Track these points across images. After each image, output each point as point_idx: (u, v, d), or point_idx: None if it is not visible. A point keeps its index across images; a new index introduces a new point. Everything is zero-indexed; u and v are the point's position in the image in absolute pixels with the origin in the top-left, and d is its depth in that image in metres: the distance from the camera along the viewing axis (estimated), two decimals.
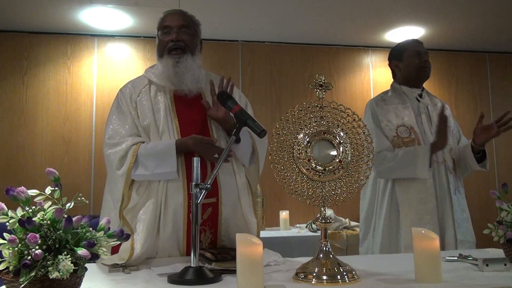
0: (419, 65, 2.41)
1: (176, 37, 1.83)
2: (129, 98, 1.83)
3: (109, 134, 1.77)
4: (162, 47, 1.87)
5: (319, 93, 1.43)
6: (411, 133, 2.31)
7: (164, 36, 1.86)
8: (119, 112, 1.82)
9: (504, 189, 1.55)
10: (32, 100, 3.98)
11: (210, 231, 1.76)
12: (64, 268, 0.93)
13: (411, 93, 2.43)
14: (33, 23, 3.89)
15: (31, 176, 3.86)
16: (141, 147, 1.71)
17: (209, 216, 1.76)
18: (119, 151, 1.71)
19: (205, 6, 3.53)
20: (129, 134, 1.76)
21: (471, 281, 1.29)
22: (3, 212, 1.00)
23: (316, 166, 1.35)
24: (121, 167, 1.69)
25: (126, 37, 4.18)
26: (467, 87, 4.77)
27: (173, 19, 1.87)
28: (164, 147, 1.71)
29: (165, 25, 1.87)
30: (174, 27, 1.85)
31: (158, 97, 1.83)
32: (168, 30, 1.86)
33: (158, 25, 1.91)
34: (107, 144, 1.75)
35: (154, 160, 1.69)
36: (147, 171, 1.69)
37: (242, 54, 4.40)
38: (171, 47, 1.83)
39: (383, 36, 4.37)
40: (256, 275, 1.16)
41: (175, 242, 1.71)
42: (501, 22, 4.10)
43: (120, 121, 1.79)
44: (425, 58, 2.42)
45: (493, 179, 4.66)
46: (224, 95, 1.65)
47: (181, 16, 1.88)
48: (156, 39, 1.92)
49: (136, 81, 1.91)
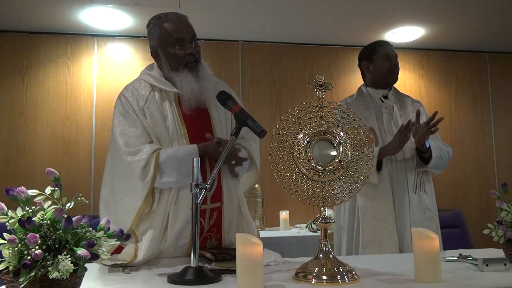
0: (388, 69, 2.41)
1: (194, 50, 1.78)
2: (136, 105, 1.76)
3: (124, 140, 1.70)
4: (178, 61, 1.78)
5: (319, 93, 1.43)
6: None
7: (180, 50, 1.76)
8: (127, 117, 1.75)
9: (504, 189, 1.55)
10: (32, 100, 3.98)
11: (216, 237, 1.76)
12: (64, 268, 0.93)
13: (375, 94, 2.45)
14: (33, 23, 3.89)
15: (31, 176, 3.86)
16: (161, 154, 1.67)
17: (214, 222, 1.75)
18: (140, 160, 1.65)
19: (205, 6, 3.53)
20: (144, 141, 1.71)
21: (471, 281, 1.29)
22: (3, 212, 1.00)
23: (316, 166, 1.35)
24: (146, 176, 1.64)
25: (126, 37, 4.18)
26: (467, 87, 4.77)
27: (183, 30, 1.79)
28: (187, 152, 1.68)
29: (178, 37, 1.77)
30: (187, 39, 1.78)
31: (164, 104, 1.78)
32: (183, 43, 1.77)
33: (167, 38, 1.78)
34: (124, 151, 1.68)
35: (178, 166, 1.66)
36: (172, 178, 1.66)
37: (242, 54, 4.40)
38: (189, 61, 1.77)
39: (383, 36, 4.37)
40: (256, 275, 1.16)
41: (180, 248, 1.70)
42: (501, 22, 4.10)
43: (132, 127, 1.73)
44: (394, 61, 2.42)
45: (493, 179, 4.66)
46: (223, 95, 1.65)
47: (188, 26, 1.82)
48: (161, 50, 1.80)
49: (137, 85, 1.82)
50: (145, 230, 1.68)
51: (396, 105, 2.43)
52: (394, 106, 2.41)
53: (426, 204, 2.32)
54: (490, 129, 4.73)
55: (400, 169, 2.31)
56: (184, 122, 1.77)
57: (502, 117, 4.81)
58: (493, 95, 4.82)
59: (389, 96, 2.45)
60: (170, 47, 1.78)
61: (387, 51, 2.44)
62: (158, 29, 1.81)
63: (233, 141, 1.53)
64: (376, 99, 2.44)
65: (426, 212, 2.31)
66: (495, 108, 4.80)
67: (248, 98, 4.33)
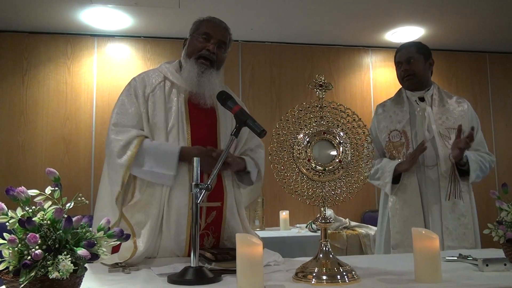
0: (400, 76, 2.44)
1: (213, 49, 1.83)
2: (142, 91, 1.80)
3: (115, 120, 1.76)
4: (194, 49, 1.84)
5: (319, 93, 1.43)
6: (401, 137, 2.35)
7: (201, 40, 1.84)
8: (127, 99, 1.80)
9: (504, 189, 1.54)
10: (32, 100, 3.98)
11: (213, 235, 1.77)
12: (64, 268, 0.93)
13: (411, 96, 2.43)
14: (33, 23, 3.89)
15: (31, 176, 3.86)
16: (145, 141, 1.71)
17: (213, 220, 1.76)
18: (121, 140, 1.70)
19: (205, 6, 3.53)
20: (134, 125, 1.75)
21: (471, 281, 1.29)
22: (3, 212, 1.00)
23: (316, 166, 1.35)
24: (122, 156, 1.68)
25: (126, 37, 4.18)
26: (467, 87, 4.77)
27: (217, 31, 1.86)
28: (169, 149, 1.71)
29: (207, 32, 1.84)
30: (215, 38, 1.84)
31: (172, 96, 1.82)
32: (208, 38, 1.84)
33: (198, 27, 1.88)
34: (111, 130, 1.74)
35: (156, 158, 1.69)
36: (145, 167, 1.69)
37: (242, 54, 4.40)
38: (203, 55, 1.82)
39: (383, 36, 4.37)
40: (256, 275, 1.16)
41: (177, 243, 1.71)
42: (501, 22, 4.10)
43: (127, 109, 1.77)
44: (404, 67, 2.40)
45: (493, 179, 4.66)
46: (224, 95, 1.65)
47: (225, 32, 1.88)
48: (189, 38, 1.89)
49: (151, 74, 1.87)
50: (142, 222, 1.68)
51: (433, 107, 2.37)
52: (427, 108, 2.37)
53: (461, 211, 2.28)
54: (490, 129, 4.73)
55: (433, 176, 2.29)
56: (189, 119, 1.79)
57: (502, 117, 4.81)
58: (493, 95, 4.82)
59: (425, 97, 2.40)
60: (196, 36, 1.86)
61: (397, 58, 2.46)
62: (198, 23, 1.90)
63: (233, 141, 1.53)
64: (412, 101, 2.42)
65: (461, 219, 2.28)
66: (495, 108, 4.80)
67: (248, 98, 4.33)
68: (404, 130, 2.35)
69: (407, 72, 2.39)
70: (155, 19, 3.82)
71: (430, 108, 2.36)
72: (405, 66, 2.39)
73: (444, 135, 2.31)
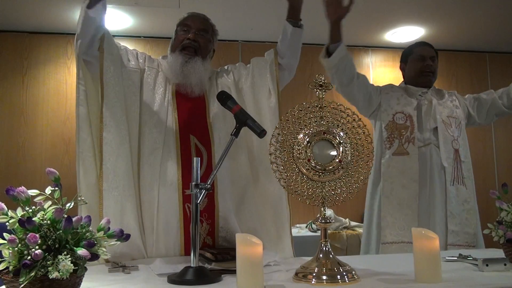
0: (420, 69, 2.46)
1: (193, 37, 1.89)
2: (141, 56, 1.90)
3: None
4: (177, 43, 1.91)
5: (319, 93, 1.43)
6: (407, 120, 2.39)
7: (181, 33, 1.92)
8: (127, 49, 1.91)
9: (504, 189, 1.54)
10: (32, 100, 3.98)
11: (207, 222, 1.78)
12: (64, 268, 0.93)
13: (415, 90, 2.48)
14: (33, 23, 3.89)
15: (31, 176, 3.85)
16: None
17: (205, 207, 1.77)
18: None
19: (205, 6, 3.52)
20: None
21: (471, 281, 1.29)
22: (3, 212, 1.00)
23: (316, 166, 1.35)
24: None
25: (126, 37, 4.17)
26: (467, 87, 4.77)
27: (195, 21, 1.93)
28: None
29: (186, 23, 1.92)
30: (194, 28, 1.91)
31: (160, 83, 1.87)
32: (187, 29, 1.91)
33: (179, 22, 1.96)
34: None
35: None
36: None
37: (242, 54, 4.40)
38: (185, 45, 1.88)
39: (383, 36, 4.37)
40: (256, 275, 1.16)
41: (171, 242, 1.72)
42: (501, 22, 4.10)
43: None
44: (428, 62, 2.45)
45: (493, 179, 4.66)
46: (223, 95, 1.65)
47: (203, 21, 1.95)
48: (173, 34, 1.96)
49: (150, 58, 1.96)
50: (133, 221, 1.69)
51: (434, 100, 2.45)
52: (433, 99, 2.44)
53: (464, 196, 2.34)
54: (490, 129, 4.72)
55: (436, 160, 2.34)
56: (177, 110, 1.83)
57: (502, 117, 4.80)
58: None
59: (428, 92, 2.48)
60: (177, 30, 1.95)
61: (422, 52, 2.48)
62: (179, 21, 1.98)
63: (233, 141, 1.53)
64: (417, 95, 2.47)
65: (464, 204, 2.34)
66: None
67: None
68: (410, 114, 2.39)
69: (431, 69, 2.47)
70: (155, 19, 3.81)
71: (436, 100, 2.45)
72: (429, 62, 2.46)
73: (446, 122, 2.40)
